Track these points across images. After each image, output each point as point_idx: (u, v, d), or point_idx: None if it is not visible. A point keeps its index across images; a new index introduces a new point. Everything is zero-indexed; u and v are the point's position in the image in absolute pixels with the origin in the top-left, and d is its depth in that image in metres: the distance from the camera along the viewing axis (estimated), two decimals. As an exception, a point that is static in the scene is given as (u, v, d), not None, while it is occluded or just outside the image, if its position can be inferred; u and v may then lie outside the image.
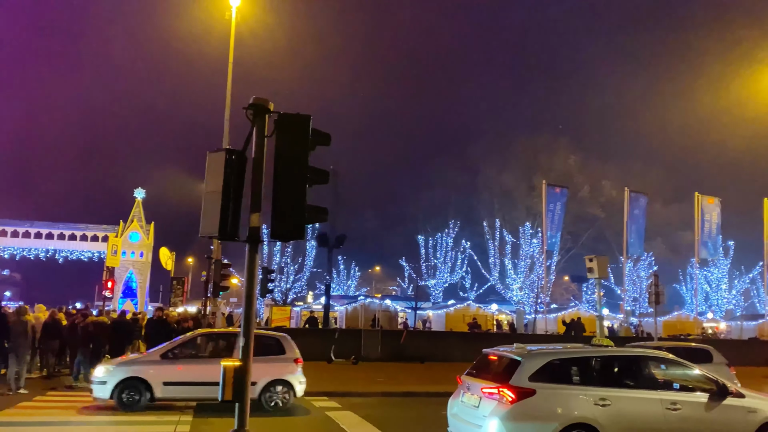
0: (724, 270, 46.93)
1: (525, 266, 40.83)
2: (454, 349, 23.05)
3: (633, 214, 34.38)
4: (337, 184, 32.27)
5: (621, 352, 8.84)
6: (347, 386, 15.57)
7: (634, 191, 34.91)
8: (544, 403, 7.61)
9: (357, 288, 56.06)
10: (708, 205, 35.61)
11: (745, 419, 8.13)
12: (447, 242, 45.79)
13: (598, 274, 17.65)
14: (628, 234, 34.38)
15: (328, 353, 22.04)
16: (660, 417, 7.80)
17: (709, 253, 38.35)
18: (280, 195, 5.72)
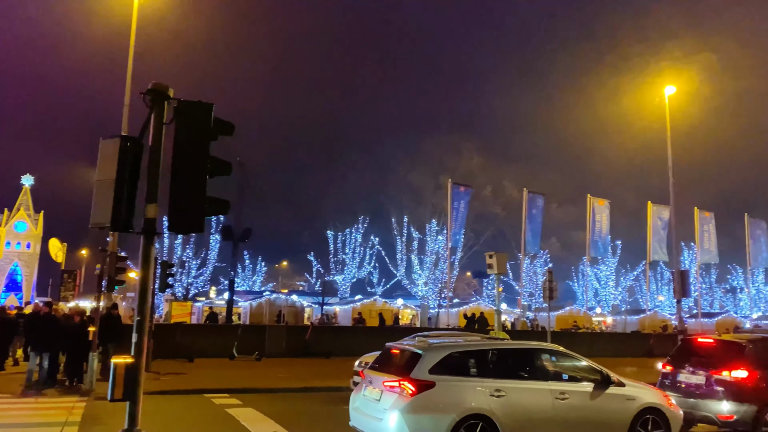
0: (612, 268, 50.26)
1: (430, 262, 41.78)
2: (361, 344, 23.17)
3: (531, 214, 36.07)
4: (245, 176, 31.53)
5: (516, 344, 9.25)
6: (249, 383, 15.27)
7: (532, 192, 36.62)
8: (443, 396, 7.81)
9: (263, 283, 55.21)
10: (599, 206, 38.03)
11: (624, 406, 8.73)
12: (356, 238, 46.06)
13: (498, 270, 18.38)
14: (526, 232, 36.02)
15: (230, 350, 21.52)
16: (549, 406, 8.23)
17: (599, 252, 40.99)
18: (179, 185, 5.49)
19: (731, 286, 56.27)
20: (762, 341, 11.04)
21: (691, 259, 48.28)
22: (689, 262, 49.20)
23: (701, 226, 40.49)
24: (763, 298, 53.07)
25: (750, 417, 9.54)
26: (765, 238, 43.47)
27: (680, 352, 11.25)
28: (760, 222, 43.37)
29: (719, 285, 56.26)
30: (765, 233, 43.43)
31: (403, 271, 42.60)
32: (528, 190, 36.54)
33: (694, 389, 10.28)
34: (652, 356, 24.98)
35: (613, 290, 50.48)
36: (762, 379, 9.84)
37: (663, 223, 38.21)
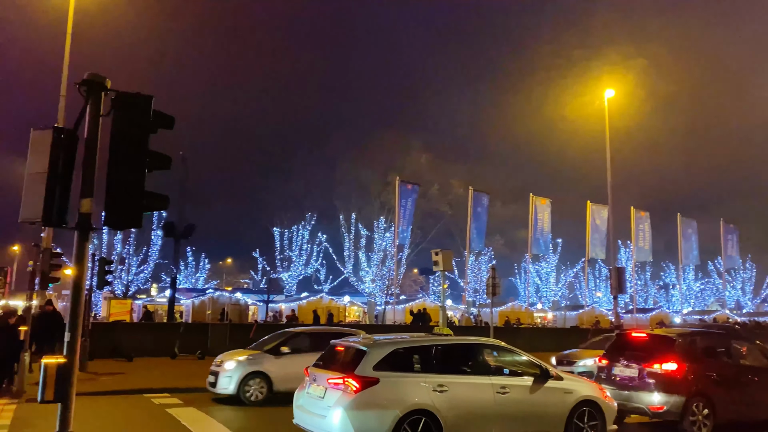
0: (553, 265, 51.63)
1: (378, 259, 41.89)
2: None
3: (476, 212, 36.71)
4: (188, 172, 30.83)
5: (459, 340, 9.39)
6: (191, 382, 14.94)
7: (477, 191, 37.27)
8: (387, 391, 7.87)
9: (206, 281, 54.10)
10: (541, 205, 39.06)
11: (562, 399, 9.02)
12: (303, 235, 45.68)
13: (443, 267, 18.59)
14: (471, 230, 36.64)
15: (172, 348, 21.02)
16: (490, 400, 8.41)
17: (541, 250, 42.12)
18: (115, 179, 5.30)
19: (664, 283, 58.80)
20: (690, 335, 11.60)
21: (628, 257, 50.16)
22: (626, 259, 51.10)
23: (637, 225, 42.18)
24: (693, 294, 55.71)
25: (678, 407, 10.00)
26: (695, 237, 45.66)
27: (615, 347, 11.66)
28: (691, 221, 45.51)
29: (653, 282, 58.67)
30: (695, 232, 45.61)
31: (351, 268, 42.56)
32: (474, 188, 37.16)
33: (627, 382, 10.70)
34: (590, 350, 25.79)
35: (553, 287, 51.90)
36: (690, 371, 10.34)
37: (601, 221, 39.58)
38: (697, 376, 10.38)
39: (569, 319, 44.36)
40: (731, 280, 57.15)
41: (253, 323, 28.63)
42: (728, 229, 47.39)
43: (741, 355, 11.68)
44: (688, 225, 45.01)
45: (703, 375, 10.48)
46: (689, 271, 53.12)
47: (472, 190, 36.82)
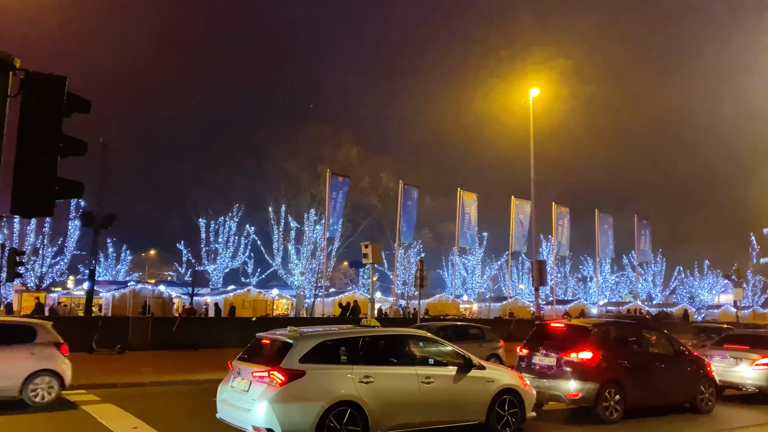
0: (479, 258, 52.99)
1: (308, 252, 41.56)
2: (231, 335, 22.63)
3: (406, 206, 37.09)
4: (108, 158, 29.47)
5: (385, 331, 9.48)
6: (109, 377, 14.38)
7: (407, 184, 37.65)
8: (313, 384, 7.85)
9: (128, 273, 52.09)
10: (468, 200, 39.94)
11: (484, 388, 9.28)
12: (230, 226, 44.68)
13: (372, 259, 18.73)
14: (401, 223, 36.99)
15: (89, 343, 20.11)
16: (415, 390, 8.56)
17: (468, 243, 43.10)
18: (24, 164, 4.99)
19: (582, 276, 61.56)
20: (605, 325, 12.21)
21: (549, 251, 52.09)
22: (547, 253, 53.05)
23: (558, 220, 43.90)
24: (608, 286, 58.60)
25: (592, 394, 10.52)
26: (611, 232, 47.99)
27: (535, 337, 12.11)
28: (607, 217, 47.78)
29: (572, 274, 61.28)
30: (611, 227, 47.93)
31: (280, 261, 42.01)
32: (404, 182, 37.49)
33: (546, 370, 11.15)
34: (513, 340, 26.71)
35: (479, 279, 53.27)
36: (604, 359, 10.88)
37: (524, 216, 40.93)
38: (610, 364, 10.94)
39: (493, 311, 45.68)
40: (643, 273, 60.48)
41: (176, 317, 27.79)
42: (641, 224, 50.10)
43: (650, 343, 12.40)
44: (604, 221, 47.25)
45: (616, 363, 11.06)
46: (605, 264, 55.82)
47: (402, 184, 37.16)
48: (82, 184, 5.43)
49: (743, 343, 14.55)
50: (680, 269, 66.20)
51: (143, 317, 26.17)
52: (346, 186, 36.05)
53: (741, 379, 13.65)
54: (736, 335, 16.29)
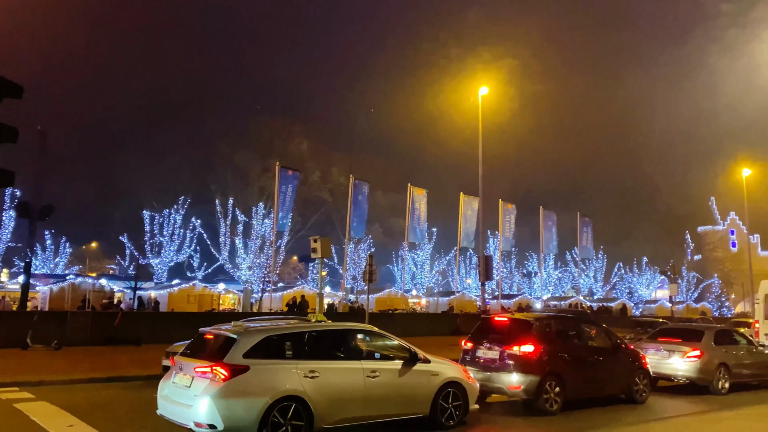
0: (428, 253, 53.57)
1: (256, 246, 41.03)
2: (175, 330, 22.11)
3: (357, 200, 37.04)
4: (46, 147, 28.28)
5: (332, 326, 9.47)
6: (44, 374, 13.84)
7: (358, 179, 37.60)
8: (257, 379, 7.78)
9: (67, 266, 50.27)
10: (418, 195, 40.24)
11: (429, 381, 9.41)
12: (176, 219, 43.65)
13: (322, 254, 18.62)
14: (351, 218, 36.94)
15: (24, 338, 19.30)
16: (361, 384, 8.59)
17: (417, 238, 43.42)
18: (-50, 152, 4.76)
19: (527, 271, 63.05)
20: (547, 319, 12.54)
21: (495, 246, 53.09)
22: (493, 248, 54.05)
23: (504, 216, 44.75)
24: (552, 281, 60.23)
25: (534, 386, 10.80)
26: (555, 229, 49.25)
27: (480, 330, 12.34)
28: (551, 214, 49.00)
29: (518, 269, 62.67)
30: (555, 224, 49.19)
31: (227, 255, 41.32)
32: (354, 177, 37.44)
33: (490, 363, 11.37)
34: (459, 334, 27.13)
35: (428, 274, 53.83)
36: (545, 353, 11.18)
37: (473, 212, 41.52)
38: (551, 357, 11.25)
39: (441, 305, 46.28)
40: (585, 269, 62.42)
41: (117, 311, 26.98)
42: (584, 222, 51.61)
43: (589, 337, 12.82)
44: (549, 218, 48.45)
45: (556, 356, 11.38)
46: (549, 260, 57.32)
47: (352, 179, 37.09)
48: (12, 172, 5.18)
49: (676, 336, 15.23)
50: (620, 265, 68.68)
51: (83, 312, 25.31)
52: (296, 179, 35.70)
53: (673, 370, 14.28)
54: (670, 329, 17.03)
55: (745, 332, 18.58)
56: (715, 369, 14.08)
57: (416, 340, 16.35)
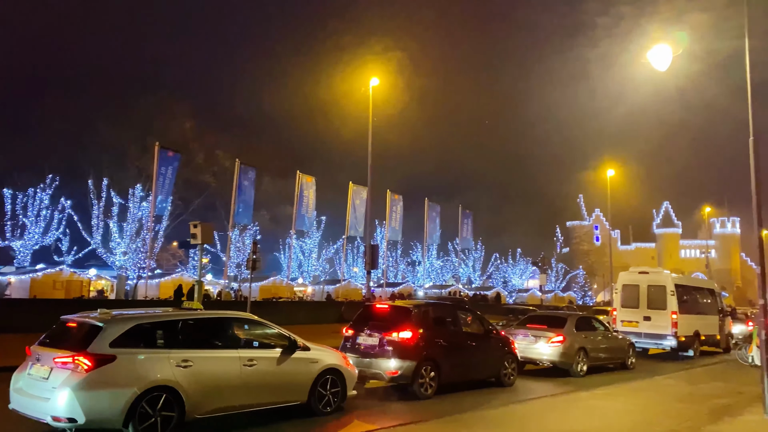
0: (316, 241, 53.47)
1: (132, 230, 38.79)
2: (38, 317, 20.46)
3: (242, 185, 36.12)
4: None
5: (208, 314, 9.18)
6: None
7: (244, 164, 36.66)
8: (125, 369, 7.41)
9: None
10: (307, 183, 39.97)
11: (308, 368, 9.42)
12: (42, 199, 40.23)
13: (202, 240, 18.02)
14: (236, 204, 35.98)
15: None
16: (237, 373, 8.43)
17: (305, 226, 43.19)
18: None
19: (412, 260, 64.84)
20: (425, 306, 12.97)
21: (382, 236, 54.05)
22: (380, 238, 55.00)
23: (392, 206, 45.65)
24: (434, 270, 62.38)
25: (410, 371, 11.15)
26: (439, 220, 51.02)
27: (361, 317, 12.51)
28: (436, 206, 50.68)
29: (403, 258, 64.26)
30: (439, 215, 50.96)
31: (100, 239, 38.69)
32: (241, 161, 36.46)
33: (369, 350, 11.58)
34: (344, 322, 27.38)
35: (315, 262, 53.74)
36: (422, 338, 11.57)
37: (361, 202, 41.95)
38: (428, 343, 11.66)
39: (327, 293, 46.41)
40: (465, 259, 65.26)
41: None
42: (465, 214, 53.82)
43: (465, 323, 13.43)
44: (433, 209, 50.06)
45: (433, 342, 11.82)
46: (433, 250, 59.31)
47: (238, 163, 36.08)
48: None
49: (543, 323, 16.35)
50: (497, 256, 72.57)
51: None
52: (177, 161, 34.14)
53: (539, 355, 15.33)
54: (538, 316, 18.25)
55: (603, 319, 20.33)
56: (576, 353, 15.29)
57: (300, 328, 16.35)
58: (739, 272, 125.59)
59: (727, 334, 23.90)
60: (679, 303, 20.68)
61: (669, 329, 20.32)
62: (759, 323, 10.75)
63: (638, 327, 20.92)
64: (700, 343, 21.75)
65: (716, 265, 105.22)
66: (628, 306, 21.44)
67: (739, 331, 23.81)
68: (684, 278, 25.75)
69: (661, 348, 21.19)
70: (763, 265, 10.58)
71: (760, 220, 10.47)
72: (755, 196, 10.48)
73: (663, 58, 11.81)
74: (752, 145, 10.51)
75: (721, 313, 24.10)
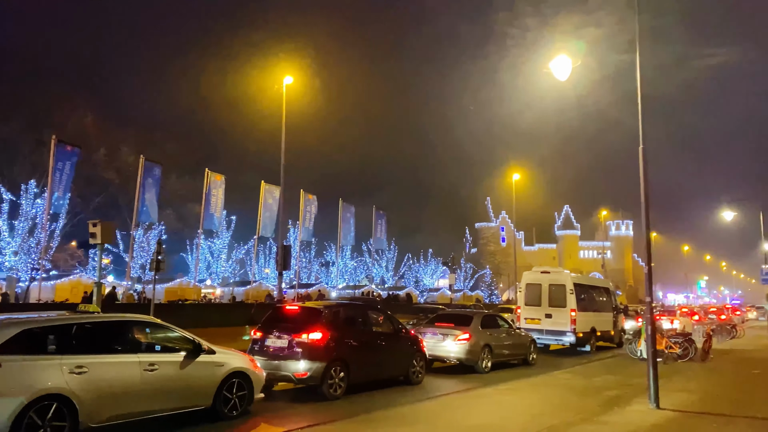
0: (226, 241, 52.07)
1: (24, 229, 36.15)
2: None
3: (147, 183, 34.64)
4: None
5: (105, 318, 8.72)
6: None
7: (149, 160, 35.17)
8: (10, 377, 6.90)
9: None
10: (216, 181, 38.90)
11: (213, 372, 9.17)
12: None
13: (102, 239, 17.15)
14: (140, 202, 34.45)
15: None
16: (137, 378, 8.06)
17: (214, 226, 42.02)
18: None
19: (326, 261, 64.57)
20: (336, 307, 12.97)
21: (295, 236, 53.50)
22: (293, 238, 54.40)
23: (305, 206, 45.30)
24: (348, 270, 62.45)
25: (319, 372, 11.10)
26: (353, 221, 51.17)
27: (270, 319, 12.33)
28: (350, 206, 50.80)
29: (317, 259, 63.87)
30: (353, 216, 51.12)
31: (-14, 238, 35.77)
32: (145, 157, 34.93)
33: (278, 352, 11.43)
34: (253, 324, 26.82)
35: (224, 263, 52.35)
36: (332, 340, 11.55)
37: (274, 201, 41.35)
38: (338, 343, 11.66)
39: (237, 295, 45.35)
40: (379, 259, 65.79)
41: None
42: (378, 215, 54.33)
43: (376, 323, 13.54)
44: (347, 209, 50.15)
45: (343, 342, 11.83)
46: (347, 250, 59.34)
47: (143, 159, 34.55)
48: None
49: (450, 321, 16.78)
50: (409, 256, 73.64)
51: None
52: (76, 156, 32.21)
53: (446, 352, 15.72)
54: (446, 314, 18.71)
55: (508, 317, 21.14)
56: (481, 350, 15.81)
57: (208, 331, 15.86)
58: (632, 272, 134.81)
59: (621, 330, 25.51)
60: (578, 301, 21.86)
61: (568, 326, 21.44)
62: (646, 319, 11.57)
63: (540, 324, 21.93)
64: (596, 338, 23.09)
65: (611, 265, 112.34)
66: (532, 304, 22.42)
67: (630, 327, 25.49)
68: (582, 278, 27.21)
69: (561, 344, 22.33)
70: (650, 265, 11.40)
71: (649, 224, 11.28)
72: (644, 201, 11.26)
73: (564, 69, 12.46)
74: (642, 153, 11.28)
75: (615, 310, 25.70)
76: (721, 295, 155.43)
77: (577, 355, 21.64)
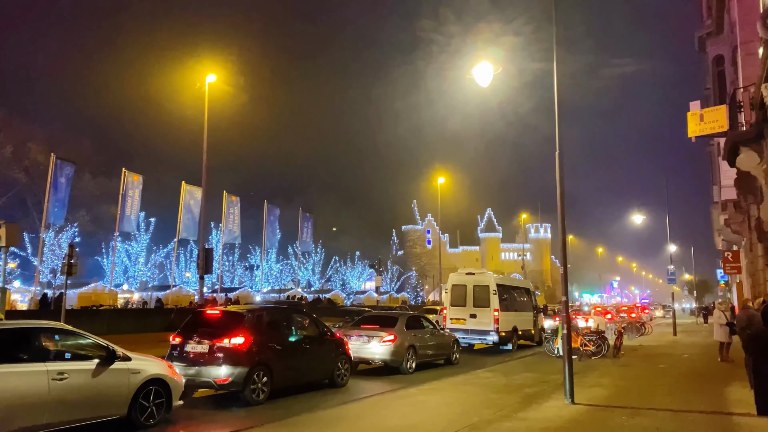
0: (144, 244, 50.09)
1: None
2: None
3: (58, 183, 32.81)
4: None
5: (9, 325, 8.17)
6: None
7: (61, 159, 33.33)
8: None
9: None
10: (133, 182, 37.35)
11: (128, 380, 8.77)
12: None
13: (6, 242, 16.15)
14: (51, 202, 32.59)
15: None
16: (44, 388, 7.60)
17: (131, 228, 40.30)
18: None
19: (250, 264, 63.36)
20: (259, 311, 12.73)
21: (218, 239, 52.20)
22: (216, 241, 53.05)
23: (228, 208, 44.27)
24: (273, 274, 61.53)
25: (242, 377, 10.85)
26: (278, 223, 50.52)
27: (190, 324, 11.94)
28: (275, 208, 50.12)
29: (241, 262, 62.55)
30: (278, 218, 50.46)
31: None
32: (56, 156, 33.06)
33: (198, 357, 11.08)
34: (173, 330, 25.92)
35: (143, 267, 50.35)
36: (255, 344, 11.32)
37: (195, 203, 40.13)
38: (261, 347, 11.43)
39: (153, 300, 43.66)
40: (305, 262, 65.23)
41: None
42: (305, 217, 53.89)
43: (302, 326, 13.39)
44: (272, 212, 49.44)
45: (266, 346, 11.61)
46: (272, 253, 58.46)
47: (54, 158, 32.68)
48: None
49: (376, 323, 16.84)
50: (336, 259, 73.49)
51: None
52: (-21, 154, 30.10)
53: (372, 354, 15.77)
54: (371, 317, 18.76)
55: (433, 318, 21.46)
56: (405, 351, 15.96)
57: (125, 337, 15.24)
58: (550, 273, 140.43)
59: (540, 329, 26.49)
60: (501, 301, 22.52)
61: (491, 325, 22.04)
62: (562, 318, 12.05)
63: (465, 324, 22.42)
64: (518, 337, 23.86)
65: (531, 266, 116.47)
66: (457, 305, 22.89)
67: (549, 326, 26.51)
68: (504, 279, 28.05)
69: (485, 343, 22.92)
70: (565, 266, 11.89)
71: (564, 227, 11.76)
72: (560, 205, 11.73)
73: (485, 75, 12.81)
74: (558, 158, 11.75)
75: (535, 309, 26.67)
76: (632, 295, 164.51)
77: (500, 353, 22.26)
